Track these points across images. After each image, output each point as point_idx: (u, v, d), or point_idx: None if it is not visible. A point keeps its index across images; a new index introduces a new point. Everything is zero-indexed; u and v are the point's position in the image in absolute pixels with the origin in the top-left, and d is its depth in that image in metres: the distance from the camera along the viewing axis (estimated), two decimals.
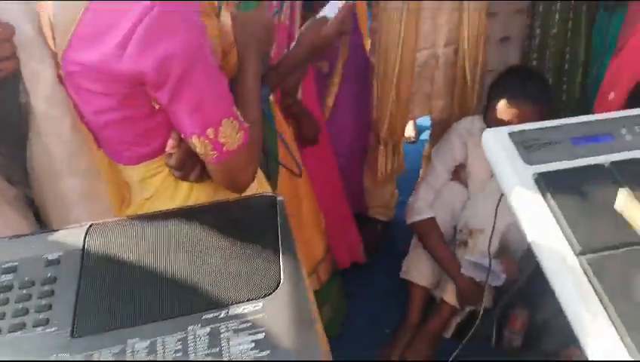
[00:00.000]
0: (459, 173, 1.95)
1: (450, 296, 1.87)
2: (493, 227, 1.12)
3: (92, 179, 1.03)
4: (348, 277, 2.08)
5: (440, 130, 2.06)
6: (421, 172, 2.31)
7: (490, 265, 1.29)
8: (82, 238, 0.69)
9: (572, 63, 2.06)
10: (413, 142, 2.80)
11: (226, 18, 1.07)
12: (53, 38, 0.88)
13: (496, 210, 1.00)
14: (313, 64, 1.75)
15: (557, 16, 2.01)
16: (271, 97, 1.45)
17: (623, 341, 0.61)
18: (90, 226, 0.72)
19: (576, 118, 0.90)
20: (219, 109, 0.87)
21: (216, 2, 1.08)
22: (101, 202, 1.07)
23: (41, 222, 1.06)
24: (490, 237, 1.19)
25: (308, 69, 1.59)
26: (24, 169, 1.03)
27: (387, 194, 2.27)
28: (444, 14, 1.83)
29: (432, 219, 1.88)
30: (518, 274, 1.68)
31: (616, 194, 0.73)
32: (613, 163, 0.79)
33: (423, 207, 1.91)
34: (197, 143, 0.87)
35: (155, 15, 0.77)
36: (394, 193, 2.30)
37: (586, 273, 0.68)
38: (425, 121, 2.51)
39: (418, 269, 1.95)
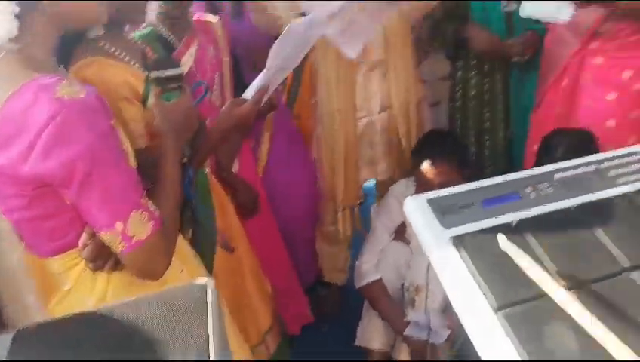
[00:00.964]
0: (401, 232, 2.02)
1: (404, 356, 1.88)
2: (428, 283, 1.18)
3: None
4: (302, 345, 2.06)
5: (385, 190, 2.15)
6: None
7: (429, 322, 1.33)
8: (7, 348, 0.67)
9: (492, 122, 2.23)
10: (360, 203, 2.88)
11: (151, 103, 1.13)
12: None
13: (427, 267, 1.05)
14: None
15: (474, 81, 2.19)
16: (207, 170, 1.49)
17: None
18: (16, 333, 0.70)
19: (487, 180, 0.97)
20: (126, 203, 0.90)
21: (141, 86, 1.14)
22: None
23: None
24: (426, 294, 1.24)
25: (241, 144, 1.66)
26: None
27: (341, 258, 2.31)
28: (375, 83, 1.96)
29: (379, 280, 1.92)
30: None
31: (523, 250, 0.79)
32: (520, 221, 0.86)
33: (368, 269, 1.95)
34: (106, 237, 0.90)
35: (60, 121, 0.81)
36: (347, 256, 2.34)
37: (503, 327, 0.73)
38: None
39: (372, 333, 1.97)
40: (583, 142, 1.60)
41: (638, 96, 1.75)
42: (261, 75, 1.30)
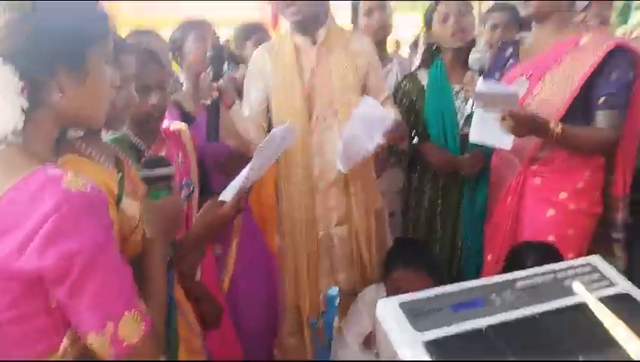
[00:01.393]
0: (370, 341, 1.99)
1: None
2: None
3: None
4: None
5: (347, 300, 2.14)
6: (332, 344, 2.32)
7: None
8: None
9: (443, 234, 2.34)
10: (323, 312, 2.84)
11: (127, 206, 1.13)
12: None
13: None
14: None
15: (428, 193, 2.33)
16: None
17: None
18: None
19: (454, 285, 1.02)
20: (121, 302, 0.87)
21: (115, 187, 1.15)
22: None
23: None
24: None
25: (205, 251, 1.65)
26: None
27: None
28: (333, 199, 2.03)
29: None
30: None
31: (492, 356, 0.82)
32: (489, 326, 0.89)
33: None
34: (94, 340, 0.85)
35: (64, 212, 0.80)
36: None
37: None
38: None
39: None
40: (550, 255, 1.68)
41: (574, 216, 1.89)
42: (241, 176, 1.34)
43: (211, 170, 1.93)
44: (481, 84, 1.76)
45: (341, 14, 2.64)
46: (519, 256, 1.74)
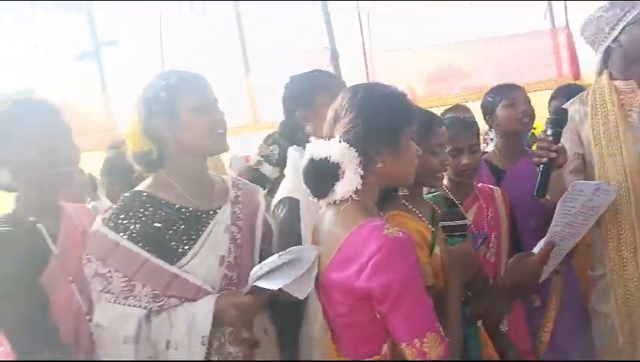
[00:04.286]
0: None
1: None
2: None
3: None
4: None
5: None
6: None
7: None
8: None
9: None
10: None
11: (437, 250, 1.34)
12: None
13: None
14: (522, 298, 1.83)
15: None
16: (479, 323, 1.55)
17: None
18: None
19: None
20: (425, 324, 1.10)
21: (429, 236, 1.36)
22: None
23: None
24: None
25: (511, 304, 1.68)
26: None
27: None
28: None
29: None
30: None
31: None
32: None
33: None
34: (405, 350, 1.10)
35: (384, 252, 1.09)
36: None
37: None
38: None
39: None
40: None
41: None
42: (549, 231, 1.38)
43: (522, 225, 1.97)
44: None
45: None
46: None
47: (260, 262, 1.33)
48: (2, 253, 1.34)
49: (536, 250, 1.39)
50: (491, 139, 2.44)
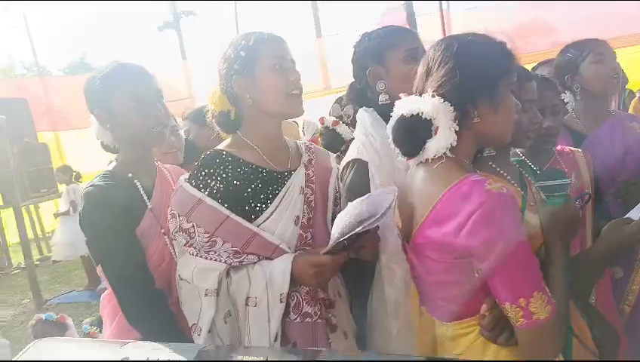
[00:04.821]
0: None
1: None
2: None
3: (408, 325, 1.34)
4: None
5: None
6: None
7: None
8: None
9: None
10: None
11: (529, 218, 1.26)
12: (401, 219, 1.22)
13: None
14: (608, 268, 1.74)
15: None
16: None
17: None
18: None
19: None
20: (530, 283, 1.02)
21: (519, 200, 1.28)
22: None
23: None
24: None
25: (604, 272, 1.60)
26: None
27: None
28: None
29: None
30: None
31: None
32: None
33: None
34: (509, 309, 1.02)
35: (487, 208, 1.01)
36: None
37: None
38: None
39: None
40: None
41: None
42: None
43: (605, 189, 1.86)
44: None
45: None
46: None
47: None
48: (104, 204, 1.41)
49: (632, 215, 1.30)
50: (566, 103, 2.26)
